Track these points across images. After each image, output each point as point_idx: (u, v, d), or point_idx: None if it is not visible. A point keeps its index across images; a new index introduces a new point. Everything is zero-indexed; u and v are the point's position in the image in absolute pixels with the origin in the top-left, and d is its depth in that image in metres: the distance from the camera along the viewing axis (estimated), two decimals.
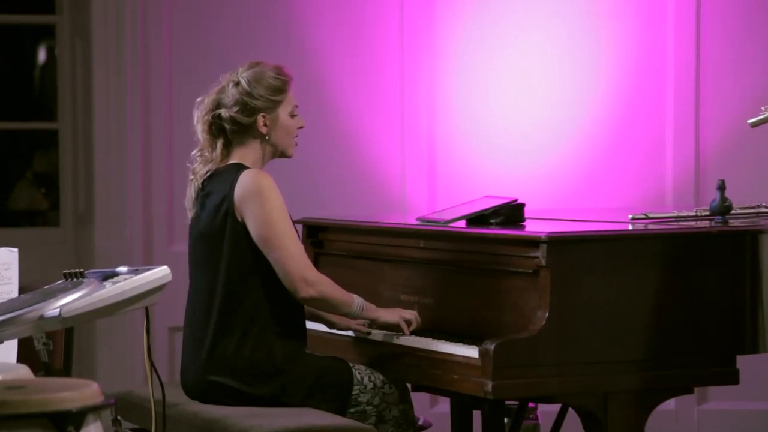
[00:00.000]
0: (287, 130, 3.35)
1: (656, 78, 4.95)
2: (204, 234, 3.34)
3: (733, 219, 3.47)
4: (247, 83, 3.31)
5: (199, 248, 3.36)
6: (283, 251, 3.24)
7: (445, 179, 4.97)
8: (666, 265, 3.19)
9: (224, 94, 3.33)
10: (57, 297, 2.67)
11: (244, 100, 3.31)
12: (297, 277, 3.24)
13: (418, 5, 4.96)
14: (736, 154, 4.86)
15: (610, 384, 3.14)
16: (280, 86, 3.34)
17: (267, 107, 3.32)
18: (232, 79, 3.34)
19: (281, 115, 3.34)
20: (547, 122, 4.96)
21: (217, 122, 3.33)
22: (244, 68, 3.35)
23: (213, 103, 3.34)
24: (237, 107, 3.31)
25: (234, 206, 3.27)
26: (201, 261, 3.36)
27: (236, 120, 3.31)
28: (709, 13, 4.92)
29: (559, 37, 4.95)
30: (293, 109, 3.36)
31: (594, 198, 4.90)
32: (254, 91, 3.31)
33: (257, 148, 3.34)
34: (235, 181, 3.27)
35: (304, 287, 3.24)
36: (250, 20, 4.91)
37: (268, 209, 3.24)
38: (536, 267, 3.12)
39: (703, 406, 4.92)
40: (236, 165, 3.33)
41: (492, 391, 3.07)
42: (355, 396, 3.32)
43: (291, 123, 3.35)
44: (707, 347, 3.20)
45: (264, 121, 3.32)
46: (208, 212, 3.33)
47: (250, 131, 3.33)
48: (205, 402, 3.32)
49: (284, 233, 3.24)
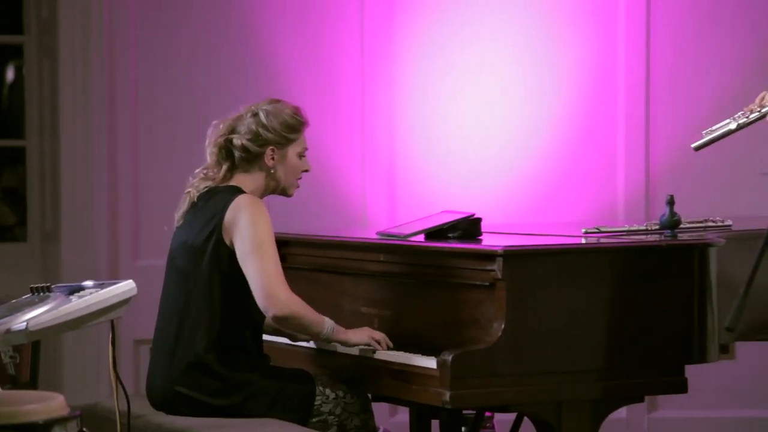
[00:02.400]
0: (293, 169, 3.38)
1: (608, 98, 4.98)
2: (187, 244, 3.34)
3: (682, 233, 3.49)
4: (264, 116, 3.35)
5: (180, 258, 3.36)
6: (262, 268, 3.24)
7: (404, 195, 4.97)
8: (617, 277, 3.20)
9: (241, 122, 3.36)
10: (24, 311, 2.65)
11: (258, 131, 3.34)
12: (270, 294, 3.24)
13: (378, 24, 4.97)
14: (685, 170, 4.90)
15: (563, 393, 3.15)
16: (295, 125, 3.38)
17: (278, 142, 3.35)
18: (251, 109, 3.38)
19: (290, 154, 3.37)
20: (504, 141, 4.98)
21: (228, 146, 3.36)
22: (265, 102, 3.40)
23: (228, 128, 3.37)
24: (250, 135, 3.34)
25: (223, 226, 3.28)
26: (179, 271, 3.36)
27: (247, 148, 3.34)
28: (658, 34, 4.96)
29: (515, 61, 4.98)
30: (303, 150, 3.40)
31: (549, 213, 4.92)
32: (270, 124, 3.34)
33: (260, 178, 3.36)
34: (229, 203, 3.28)
35: (277, 303, 3.24)
36: (213, 41, 4.90)
37: (256, 229, 3.25)
38: (492, 280, 3.13)
39: (653, 415, 4.94)
40: (234, 187, 3.34)
41: (449, 400, 3.07)
42: (317, 406, 3.32)
43: (298, 163, 3.39)
44: (657, 357, 3.22)
45: (272, 155, 3.35)
46: (196, 225, 3.33)
47: (257, 161, 3.35)
48: (170, 413, 3.31)
49: (266, 252, 3.25)
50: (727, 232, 3.48)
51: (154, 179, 4.87)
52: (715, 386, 4.63)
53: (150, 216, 4.87)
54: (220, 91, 4.79)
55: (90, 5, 4.90)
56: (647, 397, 3.38)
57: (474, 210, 3.51)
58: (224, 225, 3.27)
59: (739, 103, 4.70)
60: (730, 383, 4.76)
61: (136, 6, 4.90)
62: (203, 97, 4.82)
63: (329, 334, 3.32)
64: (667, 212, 3.52)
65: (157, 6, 4.93)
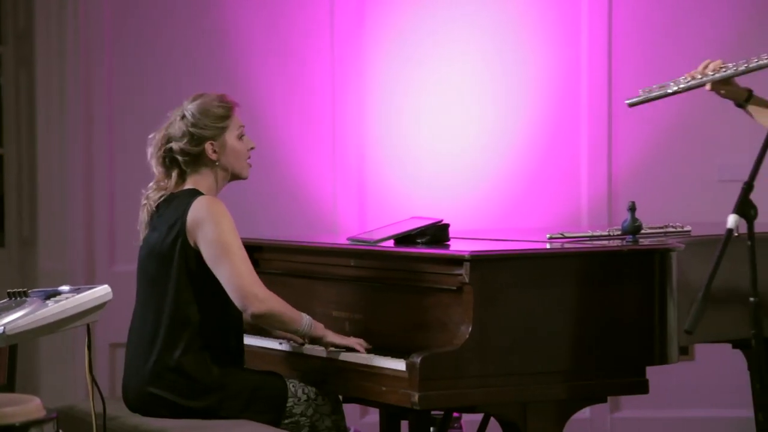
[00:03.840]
0: (237, 153, 3.34)
1: (572, 108, 5.00)
2: (154, 252, 3.32)
3: (643, 238, 3.50)
4: (191, 115, 3.32)
5: (149, 266, 3.35)
6: (234, 269, 3.23)
7: (374, 201, 4.98)
8: (581, 281, 3.21)
9: (173, 128, 3.34)
10: (1, 315, 2.63)
11: (191, 131, 3.31)
12: (248, 293, 3.22)
13: (348, 36, 4.98)
14: (646, 177, 4.93)
15: (529, 394, 3.16)
16: (223, 113, 3.34)
17: (213, 135, 3.32)
18: (178, 113, 3.35)
19: (228, 140, 3.33)
20: (471, 151, 5.00)
21: (170, 155, 3.34)
22: (188, 101, 3.36)
23: (163, 138, 3.35)
24: (185, 138, 3.31)
25: (186, 230, 3.26)
26: (150, 278, 3.34)
27: (186, 151, 3.32)
28: (620, 44, 4.99)
29: (482, 72, 5.00)
30: (240, 131, 3.36)
31: (515, 219, 4.93)
32: (199, 121, 3.31)
33: (210, 174, 3.34)
34: (189, 206, 3.26)
35: (255, 303, 3.22)
36: (187, 50, 4.90)
37: (220, 231, 3.23)
38: (460, 284, 3.13)
39: (615, 415, 4.96)
40: (191, 190, 3.32)
41: (418, 401, 3.07)
42: (289, 408, 3.32)
43: (240, 146, 3.35)
44: (620, 359, 3.23)
45: (212, 148, 3.32)
46: (160, 232, 3.32)
47: (201, 159, 3.33)
48: (145, 414, 3.30)
49: (235, 253, 3.23)
50: (686, 237, 3.50)
51: (130, 187, 4.83)
52: (675, 387, 4.65)
53: (125, 223, 4.82)
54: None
55: (66, 16, 4.89)
56: (610, 398, 3.39)
57: (442, 216, 3.51)
58: (187, 228, 3.26)
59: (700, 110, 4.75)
60: (690, 384, 4.78)
61: (111, 17, 4.90)
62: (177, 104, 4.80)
63: (308, 330, 3.31)
64: (629, 218, 3.53)
65: (131, 16, 4.92)
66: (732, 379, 4.15)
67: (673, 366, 3.30)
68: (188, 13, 4.91)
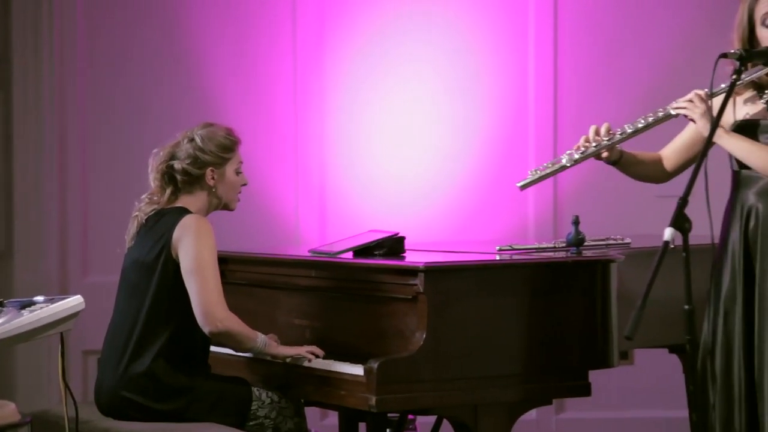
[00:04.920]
0: (232, 185, 3.38)
1: (520, 127, 5.03)
2: (139, 262, 3.33)
3: (587, 250, 3.52)
4: (200, 140, 3.34)
5: (132, 274, 3.35)
6: (203, 287, 3.24)
7: (334, 215, 4.98)
8: (528, 290, 3.23)
9: (179, 148, 3.35)
10: None
11: (196, 155, 3.33)
12: (209, 312, 3.24)
13: (309, 56, 4.98)
14: (589, 192, 4.96)
15: (479, 397, 3.17)
16: (229, 145, 3.37)
17: (216, 162, 3.35)
18: (187, 135, 3.38)
19: (228, 171, 3.37)
20: (426, 167, 5.01)
21: (170, 172, 3.35)
22: (199, 127, 3.39)
23: (168, 155, 3.36)
24: (189, 160, 3.33)
25: (171, 244, 3.27)
26: (131, 286, 3.34)
27: (187, 171, 3.33)
28: (565, 68, 5.02)
29: (436, 95, 5.01)
30: (239, 166, 3.40)
31: (467, 232, 4.95)
32: (206, 147, 3.34)
33: (203, 198, 3.36)
34: (177, 221, 3.28)
35: (213, 320, 3.24)
36: (157, 74, 4.90)
37: (200, 247, 3.25)
38: (415, 293, 3.14)
39: (560, 416, 4.98)
40: (181, 208, 3.34)
41: (375, 405, 3.08)
42: (253, 411, 3.31)
43: (236, 179, 3.39)
44: (564, 363, 3.24)
45: (212, 175, 3.35)
46: (147, 244, 3.32)
47: (198, 182, 3.35)
48: (116, 417, 3.29)
49: (208, 271, 3.24)
50: (626, 249, 3.52)
51: (102, 202, 4.84)
52: (616, 389, 4.68)
53: (98, 236, 4.84)
54: (162, 118, 4.78)
55: (41, 39, 4.87)
56: (555, 400, 3.41)
57: (398, 229, 3.52)
58: (172, 243, 3.27)
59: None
60: (630, 386, 4.81)
61: (85, 43, 4.89)
62: (147, 123, 4.81)
63: (261, 348, 3.33)
64: (573, 231, 3.55)
65: (104, 40, 4.91)
66: (668, 381, 4.18)
67: (614, 369, 3.32)
68: (157, 38, 4.90)
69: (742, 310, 2.98)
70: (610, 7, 5.01)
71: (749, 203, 3.01)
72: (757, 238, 2.99)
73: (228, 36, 4.94)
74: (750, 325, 2.97)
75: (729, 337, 2.99)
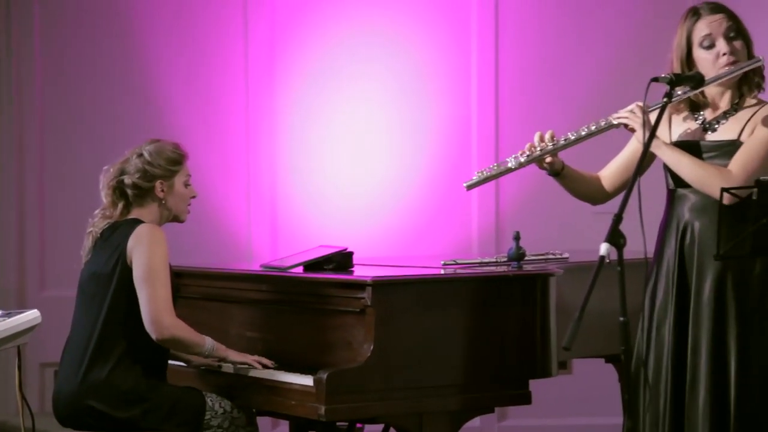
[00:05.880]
0: (181, 197, 3.38)
1: (463, 148, 5.05)
2: (96, 273, 3.32)
3: (527, 264, 3.54)
4: (148, 154, 3.36)
5: (89, 286, 3.34)
6: (152, 295, 3.23)
7: (285, 231, 4.97)
8: (472, 303, 3.24)
9: (128, 164, 3.37)
10: None
11: (145, 168, 3.34)
12: (156, 318, 3.23)
13: (261, 78, 4.98)
14: (529, 209, 4.99)
15: (424, 406, 3.17)
16: (177, 159, 3.39)
17: (165, 175, 3.35)
18: (135, 151, 3.39)
19: (177, 184, 3.37)
20: (374, 185, 5.02)
21: (121, 187, 3.36)
22: (146, 143, 3.41)
23: (118, 171, 3.37)
24: (139, 174, 3.34)
25: (126, 252, 3.27)
26: (88, 299, 3.33)
27: (137, 185, 3.34)
28: (505, 90, 5.06)
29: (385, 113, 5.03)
30: (187, 179, 3.41)
31: (413, 248, 4.96)
32: (154, 161, 3.35)
33: (155, 210, 3.36)
34: (132, 231, 3.29)
35: (159, 328, 3.23)
36: (113, 92, 4.88)
37: (152, 255, 3.24)
38: (363, 306, 3.14)
39: (503, 423, 5.00)
40: (135, 220, 3.34)
41: (324, 414, 3.07)
42: (207, 420, 3.29)
43: (185, 191, 3.40)
44: (506, 373, 3.26)
45: (162, 187, 3.35)
46: (103, 256, 3.32)
47: (149, 195, 3.35)
48: (74, 427, 3.26)
49: (159, 278, 3.24)
50: (564, 263, 3.55)
51: (59, 218, 4.80)
52: (555, 397, 4.70)
53: (55, 252, 4.80)
54: (117, 135, 4.75)
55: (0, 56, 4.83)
56: (497, 408, 3.41)
57: (347, 245, 3.52)
58: (127, 251, 3.27)
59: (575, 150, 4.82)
60: (569, 394, 4.84)
61: (42, 69, 4.87)
62: (103, 139, 4.78)
63: (211, 352, 3.33)
64: (514, 246, 3.57)
65: (62, 57, 4.88)
66: (605, 390, 4.20)
67: (553, 379, 3.34)
68: (112, 56, 4.88)
69: (673, 323, 3.00)
70: (551, 16, 5.03)
71: (685, 219, 3.03)
72: (693, 255, 3.00)
73: (182, 54, 4.92)
74: (680, 337, 3.00)
75: (659, 349, 3.02)
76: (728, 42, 3.00)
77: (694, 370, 2.95)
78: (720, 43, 3.00)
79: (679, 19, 3.08)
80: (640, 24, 4.99)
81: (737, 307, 2.94)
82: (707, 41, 3.00)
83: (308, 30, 5.01)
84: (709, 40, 3.00)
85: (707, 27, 3.00)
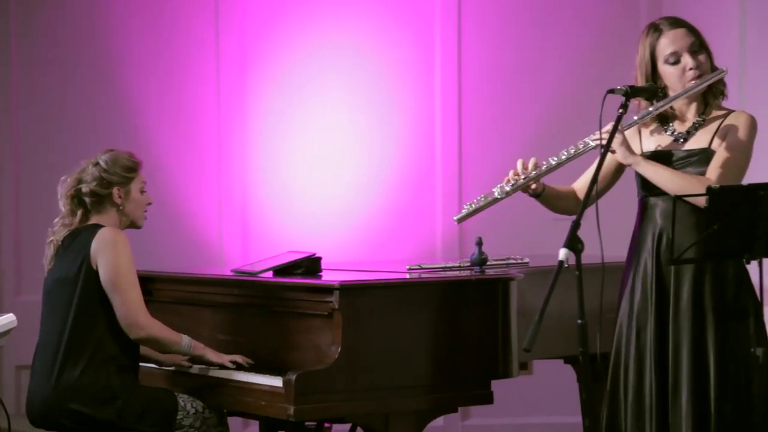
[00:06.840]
0: (138, 203, 3.38)
1: (427, 156, 5.07)
2: (61, 279, 3.30)
3: (489, 269, 3.54)
4: (104, 162, 3.36)
5: (55, 292, 3.32)
6: (124, 296, 3.23)
7: (256, 237, 4.96)
8: (435, 307, 3.24)
9: (85, 173, 3.37)
10: None
11: (102, 176, 3.34)
12: (132, 320, 3.23)
13: (233, 87, 4.97)
14: (491, 215, 4.98)
15: (390, 406, 3.17)
16: (132, 166, 3.38)
17: (121, 182, 3.35)
18: (91, 161, 3.39)
19: (133, 190, 3.37)
20: (342, 193, 5.02)
21: (79, 195, 3.35)
22: (102, 153, 3.41)
23: (75, 180, 3.37)
24: (95, 182, 3.34)
25: (90, 255, 3.26)
26: (55, 303, 3.31)
27: (95, 192, 3.34)
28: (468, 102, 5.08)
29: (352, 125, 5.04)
30: (143, 186, 3.41)
31: (379, 252, 4.96)
32: (110, 168, 3.35)
33: (113, 215, 3.36)
34: (94, 235, 3.28)
35: (136, 329, 3.24)
36: (87, 103, 4.87)
37: (118, 258, 3.24)
38: (330, 310, 3.14)
39: (466, 422, 5.01)
40: (96, 225, 3.34)
41: (294, 414, 3.07)
42: (179, 420, 3.28)
43: (141, 198, 3.40)
44: (468, 374, 3.26)
45: (119, 193, 3.35)
46: (66, 261, 3.31)
47: (107, 201, 3.35)
48: (48, 428, 3.24)
49: (128, 281, 3.24)
50: (525, 268, 3.55)
51: (34, 224, 4.76)
52: (516, 397, 4.72)
53: (31, 257, 4.76)
54: (92, 144, 4.70)
55: None
56: (461, 408, 3.42)
57: (315, 250, 3.52)
58: (91, 255, 3.27)
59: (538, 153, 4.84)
60: (529, 394, 4.85)
61: (18, 77, 4.84)
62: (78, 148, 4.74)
63: (188, 350, 3.33)
64: (477, 252, 3.58)
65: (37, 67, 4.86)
66: (564, 390, 4.22)
67: (514, 379, 3.35)
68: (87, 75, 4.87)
69: (654, 327, 3.00)
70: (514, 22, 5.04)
71: (660, 226, 3.04)
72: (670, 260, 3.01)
73: (155, 64, 4.91)
74: (661, 340, 3.00)
75: (641, 353, 3.01)
76: (693, 56, 3.02)
77: (675, 375, 2.97)
78: (685, 58, 3.02)
79: (640, 35, 3.10)
80: (601, 28, 5.01)
81: (714, 308, 2.96)
82: (673, 58, 3.03)
83: (278, 40, 5.01)
84: (675, 56, 3.03)
85: (672, 44, 3.02)
